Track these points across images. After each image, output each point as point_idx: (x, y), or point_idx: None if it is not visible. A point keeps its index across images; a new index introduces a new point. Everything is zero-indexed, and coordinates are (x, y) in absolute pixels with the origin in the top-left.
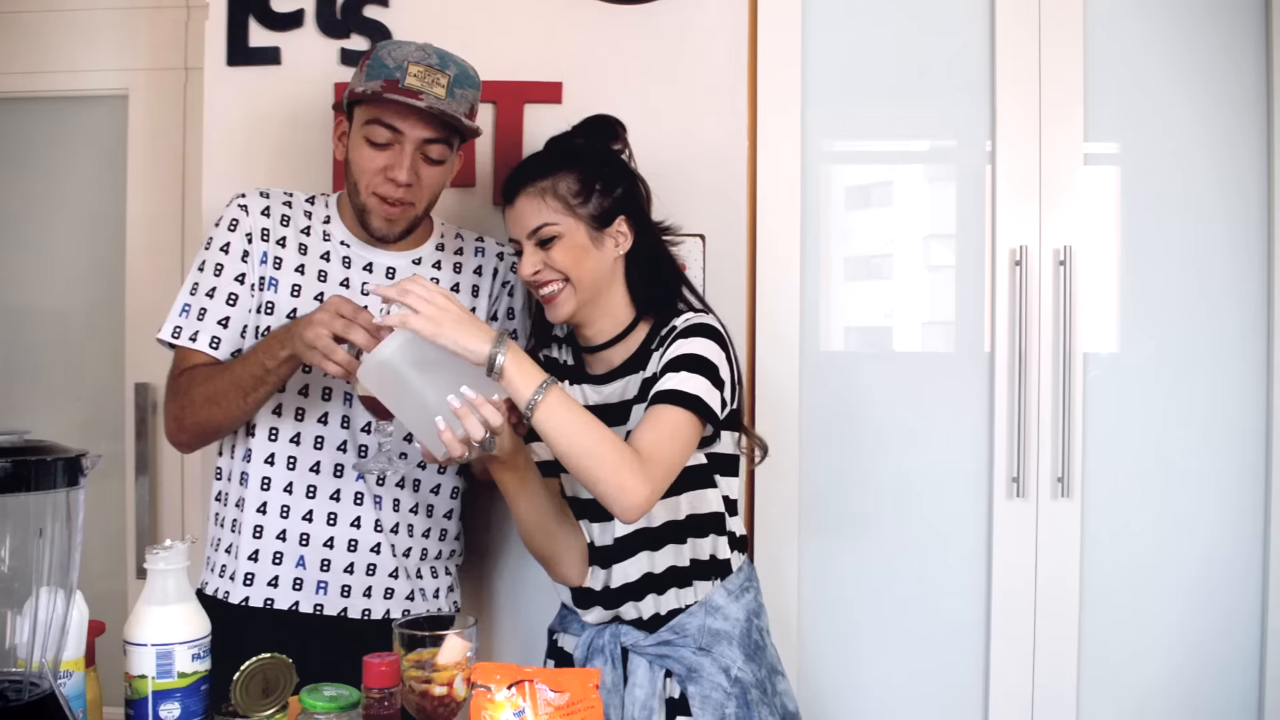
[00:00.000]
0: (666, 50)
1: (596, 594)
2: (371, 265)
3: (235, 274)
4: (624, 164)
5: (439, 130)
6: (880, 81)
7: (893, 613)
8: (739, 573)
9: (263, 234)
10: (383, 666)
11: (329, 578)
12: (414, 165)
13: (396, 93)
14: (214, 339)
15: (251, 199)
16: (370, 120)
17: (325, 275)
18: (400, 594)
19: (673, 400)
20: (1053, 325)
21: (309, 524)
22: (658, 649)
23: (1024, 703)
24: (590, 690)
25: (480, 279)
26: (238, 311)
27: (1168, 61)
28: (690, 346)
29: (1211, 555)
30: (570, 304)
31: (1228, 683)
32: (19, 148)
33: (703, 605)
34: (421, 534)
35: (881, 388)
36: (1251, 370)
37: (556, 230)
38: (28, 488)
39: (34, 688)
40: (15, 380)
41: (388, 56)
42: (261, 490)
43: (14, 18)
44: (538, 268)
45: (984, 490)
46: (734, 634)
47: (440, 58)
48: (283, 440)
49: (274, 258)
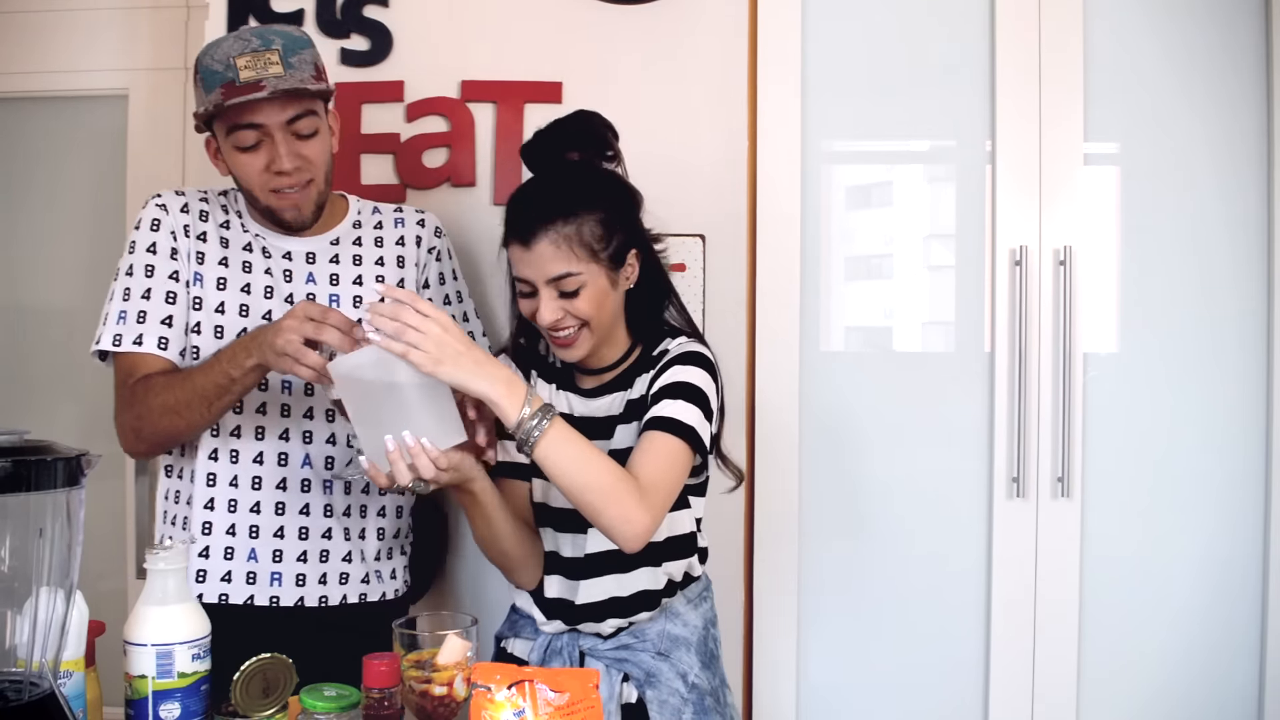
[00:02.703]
0: (666, 50)
1: (559, 606)
2: (290, 253)
3: (168, 272)
4: (628, 186)
5: (296, 106)
6: (880, 81)
7: (893, 612)
8: (697, 581)
9: (185, 230)
10: (383, 666)
11: (281, 568)
12: (291, 149)
13: (237, 94)
14: (161, 339)
15: (169, 198)
16: (231, 129)
17: (249, 266)
18: (355, 578)
19: (669, 429)
20: (1053, 325)
21: (256, 516)
22: (616, 653)
23: (1024, 702)
24: (590, 690)
25: (404, 249)
26: (178, 309)
27: (1168, 61)
28: (684, 375)
29: (1211, 554)
30: (587, 345)
31: (1228, 681)
32: (19, 148)
33: (663, 611)
34: (376, 513)
35: (881, 388)
36: (1251, 370)
37: (582, 280)
38: (28, 488)
39: (34, 688)
40: (15, 380)
41: (213, 61)
42: (208, 486)
43: (14, 18)
44: (559, 315)
45: (984, 490)
46: (692, 640)
47: (260, 37)
48: (224, 434)
49: (197, 253)
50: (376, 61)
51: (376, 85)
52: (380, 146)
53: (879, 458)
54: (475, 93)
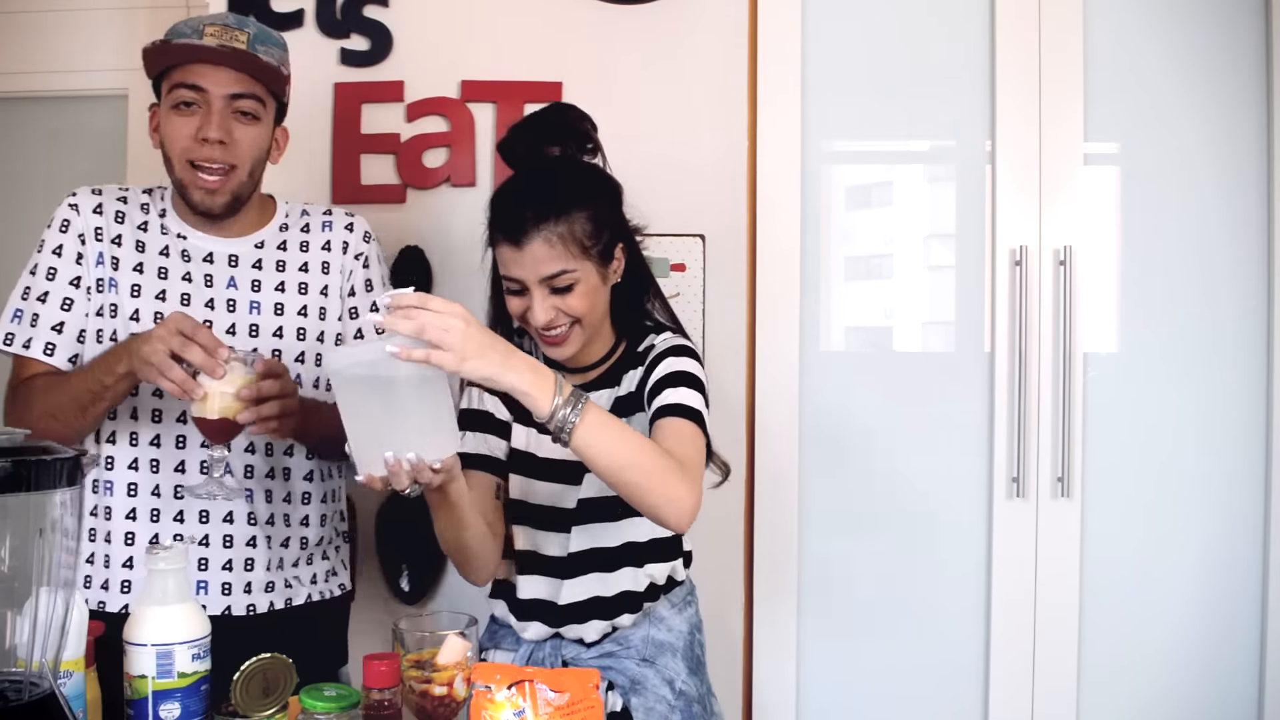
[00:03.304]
0: (666, 50)
1: (539, 608)
2: (212, 255)
3: (69, 278)
4: (611, 181)
5: (245, 83)
6: (880, 82)
7: (892, 612)
8: (682, 585)
9: (96, 233)
10: (383, 666)
11: (208, 577)
12: (224, 122)
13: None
14: (48, 345)
15: (83, 197)
16: (173, 87)
17: (166, 272)
18: (279, 585)
19: (683, 414)
20: (1053, 325)
21: (180, 525)
22: (600, 660)
23: (1024, 701)
24: (590, 690)
25: (329, 254)
26: (73, 316)
27: (1168, 61)
28: (679, 365)
29: (1211, 554)
30: (578, 343)
31: (1228, 680)
32: (19, 148)
33: (646, 616)
34: (300, 522)
35: (881, 388)
36: (1251, 369)
37: (576, 277)
38: (28, 488)
39: (34, 688)
40: None
41: (183, 25)
42: (129, 496)
43: (14, 17)
44: (553, 314)
45: (984, 490)
46: (678, 646)
47: (237, 20)
48: (143, 444)
49: (110, 258)
50: (376, 61)
51: (376, 85)
52: (380, 146)
53: (879, 458)
54: (475, 93)
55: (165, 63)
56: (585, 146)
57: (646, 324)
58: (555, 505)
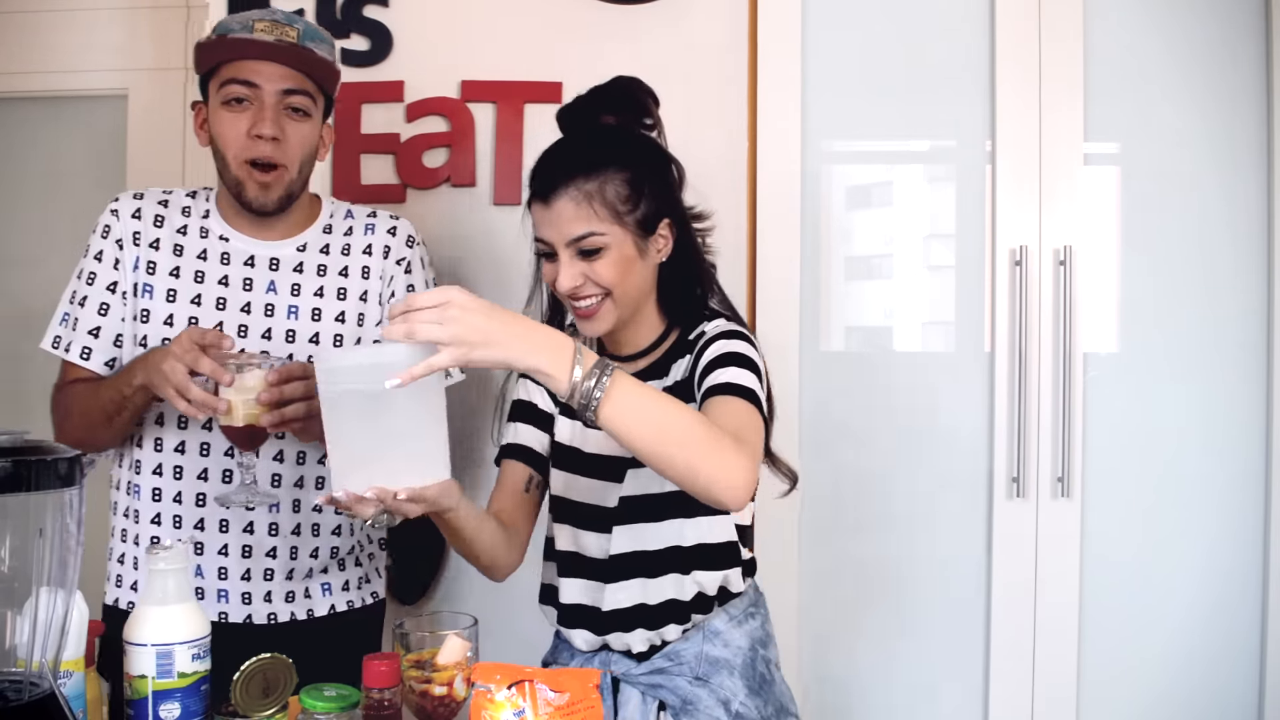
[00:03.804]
0: (666, 50)
1: (582, 614)
2: (253, 258)
3: (107, 283)
4: (664, 153)
5: (297, 79)
6: (880, 81)
7: (892, 612)
8: (742, 597)
9: (134, 238)
10: (383, 666)
11: (228, 585)
12: (277, 118)
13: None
14: (85, 350)
15: (124, 202)
16: (225, 83)
17: (202, 276)
18: (300, 595)
19: (734, 392)
20: (1053, 325)
21: (201, 532)
22: (650, 678)
23: (1024, 702)
24: (590, 690)
25: (370, 259)
26: (109, 321)
27: (1168, 61)
28: (729, 347)
29: (1212, 554)
30: (610, 319)
31: (1228, 680)
32: (19, 148)
33: (700, 630)
34: (330, 531)
35: (881, 388)
36: (1251, 369)
37: (604, 241)
38: (28, 488)
39: (34, 688)
40: (15, 380)
41: (231, 21)
42: (154, 501)
43: (14, 18)
44: (579, 281)
45: (984, 490)
46: (735, 663)
47: (286, 15)
48: (168, 450)
49: (147, 262)
50: (376, 61)
51: (376, 85)
52: (380, 146)
53: (879, 457)
54: (475, 93)
55: (218, 58)
56: (642, 120)
57: (703, 312)
58: (597, 503)
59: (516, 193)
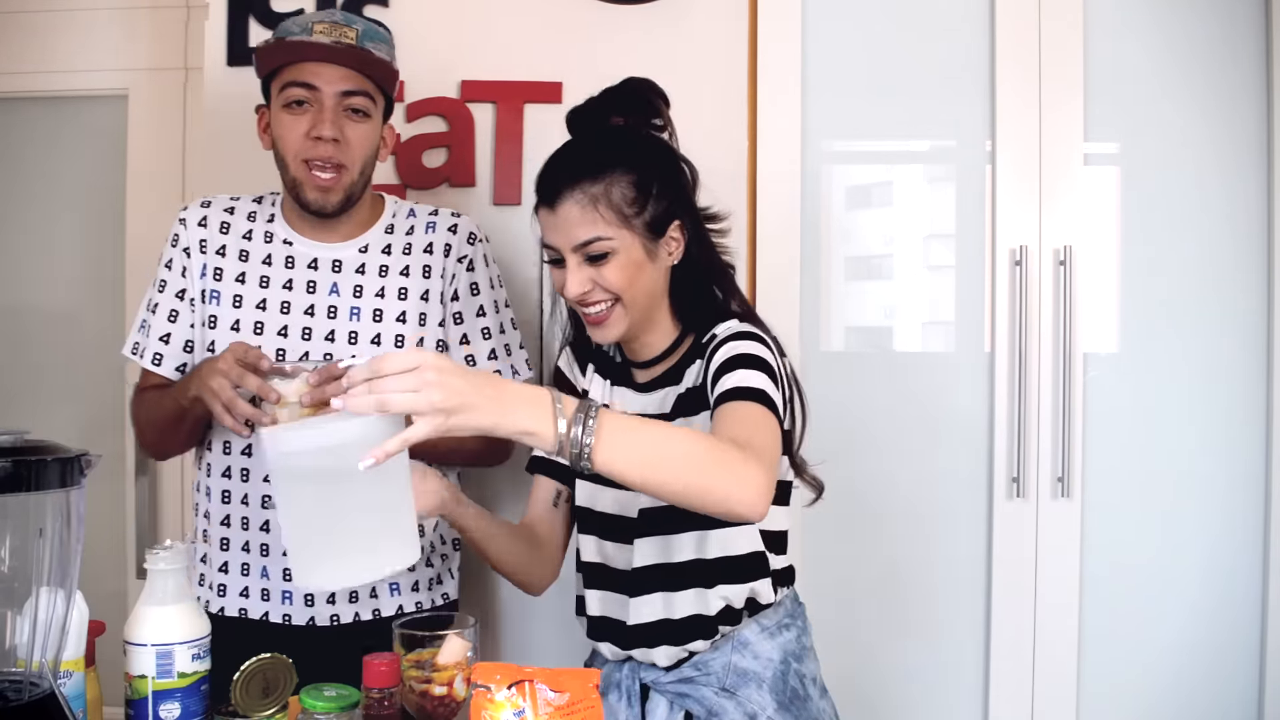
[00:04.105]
0: (666, 50)
1: (608, 626)
2: (316, 261)
3: (176, 290)
4: (673, 153)
5: (356, 80)
6: (880, 81)
7: (893, 612)
8: (778, 608)
9: (200, 245)
10: (383, 666)
11: (292, 587)
12: (336, 120)
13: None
14: (156, 355)
15: (191, 211)
16: (285, 86)
17: (267, 280)
18: (364, 596)
19: (743, 396)
20: (1053, 325)
21: (266, 534)
22: (678, 686)
23: (1024, 702)
24: (590, 690)
25: (431, 257)
26: (178, 328)
27: (1168, 60)
28: (741, 348)
29: (1212, 554)
30: (621, 325)
31: (1228, 681)
32: (19, 148)
33: (730, 640)
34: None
35: (882, 388)
36: (1252, 369)
37: (611, 246)
38: (28, 488)
39: (34, 688)
40: (15, 380)
41: (291, 24)
42: (223, 503)
43: (14, 17)
44: (587, 287)
45: (984, 490)
46: (764, 676)
47: (345, 16)
48: (235, 453)
49: (214, 269)
50: None
51: None
52: None
53: (879, 458)
54: (475, 93)
55: (278, 61)
56: (652, 121)
57: (717, 314)
58: (620, 514)
59: (516, 193)
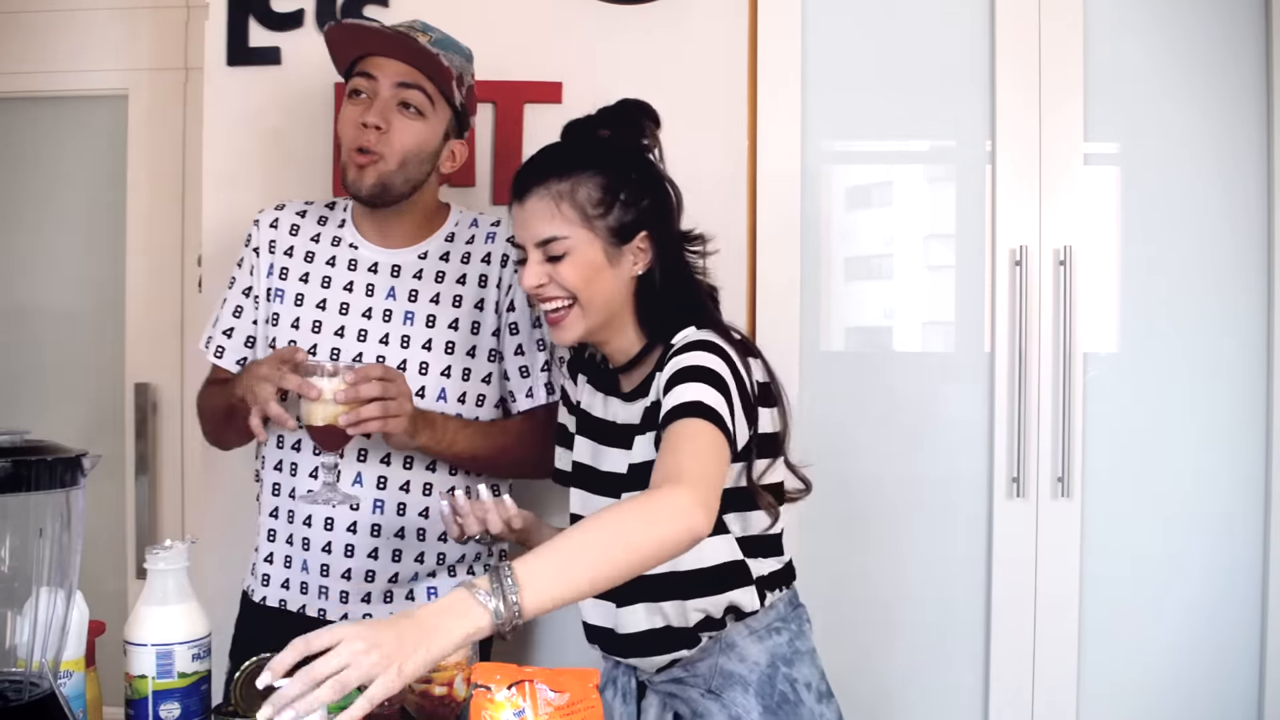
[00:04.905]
0: (666, 50)
1: (601, 634)
2: (377, 265)
3: (243, 287)
4: (654, 167)
5: (412, 75)
6: (880, 81)
7: (892, 612)
8: (768, 610)
9: (270, 246)
10: None
11: (328, 583)
12: (385, 110)
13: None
14: (219, 349)
15: (265, 213)
16: (350, 75)
17: (329, 281)
18: (400, 596)
19: (685, 414)
20: (1053, 325)
21: (308, 529)
22: (667, 686)
23: (1024, 702)
24: (590, 690)
25: (488, 267)
26: (241, 323)
27: (1168, 61)
28: (688, 360)
29: (1212, 554)
30: (578, 327)
31: (1228, 681)
32: (19, 148)
33: (717, 642)
34: (437, 537)
35: (882, 388)
36: (1252, 369)
37: (568, 245)
38: (28, 488)
39: (34, 688)
40: (15, 380)
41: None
42: (273, 495)
43: (14, 18)
44: (543, 280)
45: (984, 490)
46: (750, 679)
47: (424, 24)
48: (286, 447)
49: (280, 269)
50: None
51: None
52: None
53: (879, 457)
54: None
55: (344, 47)
56: (637, 139)
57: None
58: None
59: None
